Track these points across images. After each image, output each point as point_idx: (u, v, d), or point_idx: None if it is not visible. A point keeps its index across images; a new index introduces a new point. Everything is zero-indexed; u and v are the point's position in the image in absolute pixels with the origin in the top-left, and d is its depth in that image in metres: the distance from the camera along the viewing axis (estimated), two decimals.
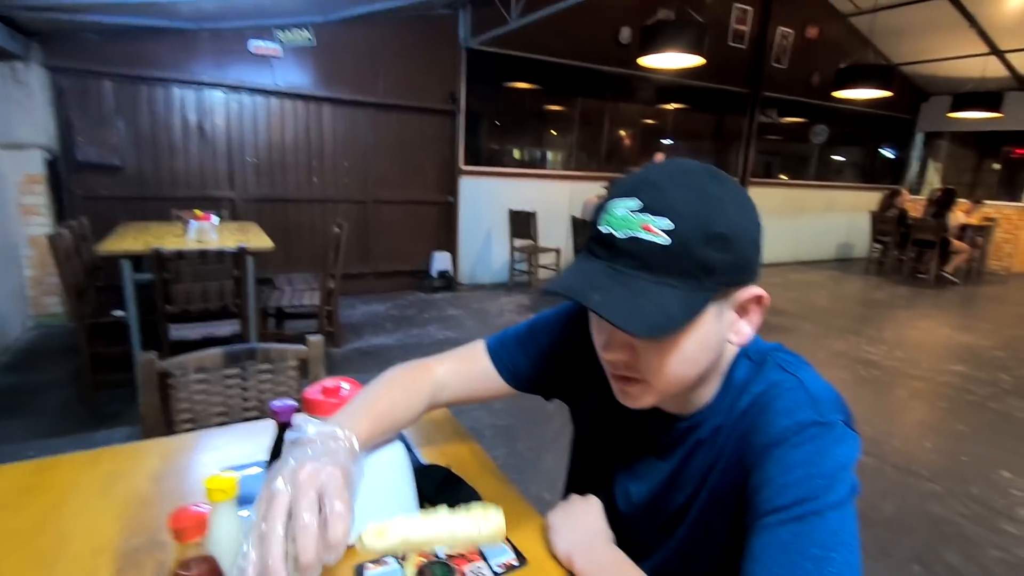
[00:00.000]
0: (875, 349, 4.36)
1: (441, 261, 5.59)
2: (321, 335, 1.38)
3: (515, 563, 0.70)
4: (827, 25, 7.56)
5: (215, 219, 3.31)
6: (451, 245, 5.69)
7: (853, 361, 4.07)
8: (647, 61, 4.16)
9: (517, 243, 5.81)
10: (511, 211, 5.71)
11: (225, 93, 4.47)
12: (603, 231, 0.57)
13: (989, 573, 1.92)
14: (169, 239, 3.03)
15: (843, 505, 0.52)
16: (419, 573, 0.67)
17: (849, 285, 7.29)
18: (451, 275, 5.65)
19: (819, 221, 8.75)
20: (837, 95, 5.72)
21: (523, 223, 5.59)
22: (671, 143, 7.23)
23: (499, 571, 0.69)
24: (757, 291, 0.60)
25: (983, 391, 3.60)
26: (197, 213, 3.36)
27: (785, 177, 8.52)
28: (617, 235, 0.55)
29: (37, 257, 3.92)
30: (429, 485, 0.82)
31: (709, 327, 0.58)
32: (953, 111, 6.85)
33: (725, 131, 7.62)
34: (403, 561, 0.69)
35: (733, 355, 0.66)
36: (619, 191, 0.57)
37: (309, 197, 4.97)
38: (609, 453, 0.79)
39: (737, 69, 6.95)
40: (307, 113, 4.83)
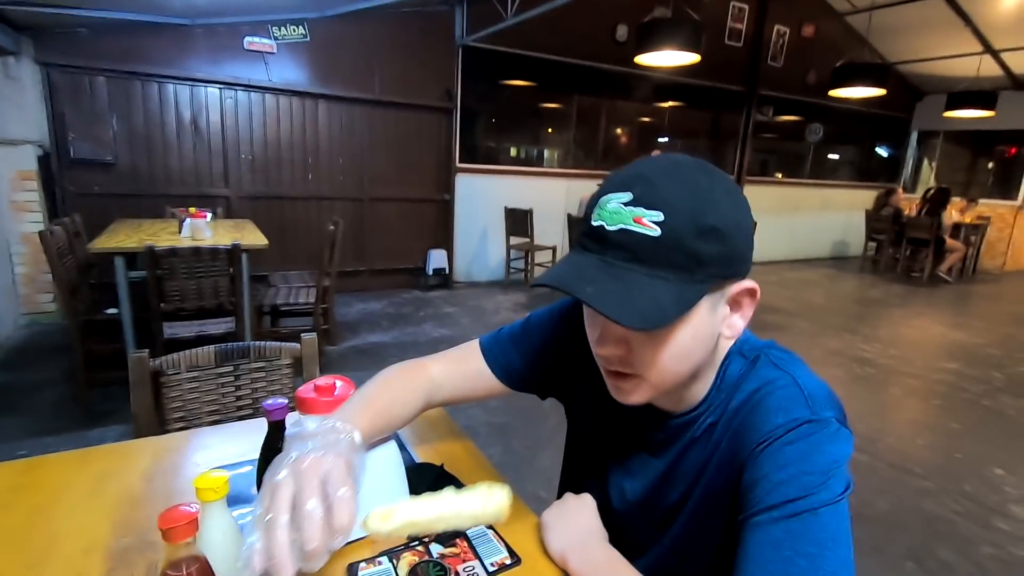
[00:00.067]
0: (870, 347, 4.38)
1: (437, 259, 5.57)
2: (316, 333, 1.37)
3: (509, 562, 0.70)
4: (823, 23, 7.58)
5: (209, 216, 3.29)
6: (447, 243, 5.68)
7: (848, 359, 4.09)
8: (644, 59, 4.15)
9: (513, 241, 5.80)
10: (507, 209, 5.70)
11: (220, 89, 4.44)
12: (595, 224, 0.57)
13: (982, 570, 1.93)
14: (163, 236, 3.02)
15: (837, 502, 0.52)
16: (412, 572, 0.66)
17: (844, 283, 7.32)
18: (447, 273, 5.64)
19: (814, 219, 8.77)
20: (833, 94, 5.73)
21: (519, 221, 5.59)
22: (667, 141, 7.23)
23: (493, 570, 0.69)
24: (749, 284, 0.60)
25: (977, 389, 3.62)
26: (191, 210, 3.35)
27: (781, 175, 8.53)
28: (608, 228, 0.55)
29: (30, 254, 3.89)
30: (422, 484, 0.82)
31: (702, 320, 0.58)
32: (948, 110, 6.88)
33: (721, 129, 7.63)
34: (396, 560, 0.69)
35: (726, 352, 0.66)
36: (611, 185, 0.57)
37: (304, 194, 4.95)
38: (603, 451, 0.79)
39: (733, 67, 6.96)
40: (302, 110, 4.81)
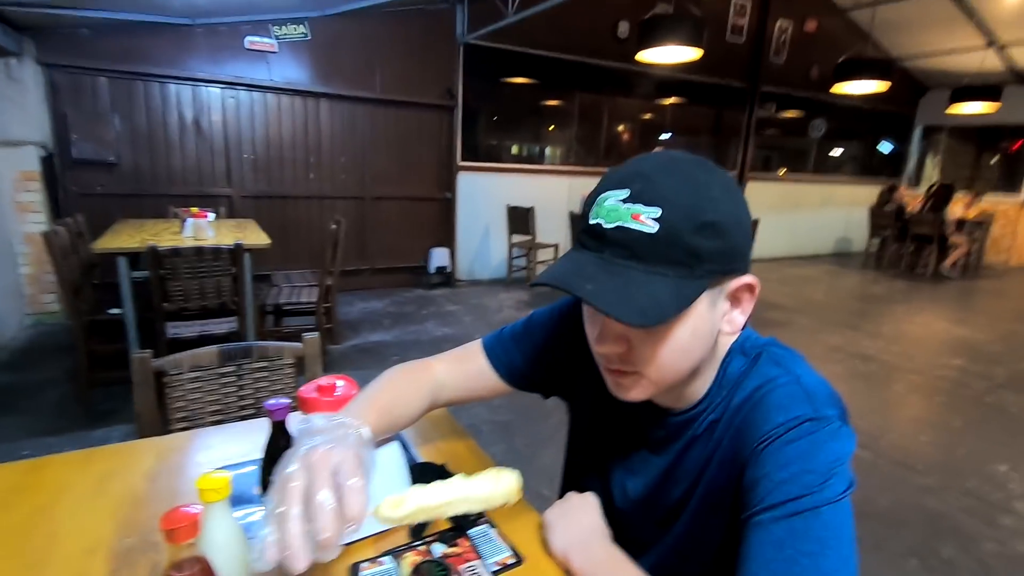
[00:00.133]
0: (872, 344, 4.37)
1: (439, 257, 5.57)
2: (319, 332, 1.38)
3: (511, 561, 0.70)
4: (825, 19, 7.53)
5: (211, 216, 3.30)
6: (449, 241, 5.68)
7: (850, 355, 4.08)
8: (645, 55, 4.13)
9: (515, 239, 5.80)
10: (509, 207, 5.70)
11: (221, 89, 4.44)
12: (592, 222, 0.57)
13: (985, 566, 1.92)
14: (166, 236, 3.02)
15: (838, 501, 0.52)
16: (415, 572, 0.67)
17: (847, 280, 7.30)
18: (449, 271, 5.64)
19: (817, 215, 8.74)
20: (836, 89, 5.70)
21: (521, 219, 5.58)
22: (670, 138, 7.21)
23: (496, 569, 0.69)
24: (749, 279, 0.59)
25: (980, 385, 3.61)
26: (194, 210, 3.35)
27: (783, 171, 8.50)
28: (606, 225, 0.55)
29: (33, 255, 3.90)
30: (425, 483, 0.82)
31: (701, 317, 0.57)
32: (952, 105, 6.83)
33: (724, 125, 7.60)
34: (399, 560, 0.69)
35: (726, 349, 0.66)
36: (608, 183, 0.57)
37: (306, 193, 4.95)
38: (605, 448, 0.79)
39: (735, 63, 6.93)
40: (304, 109, 4.81)
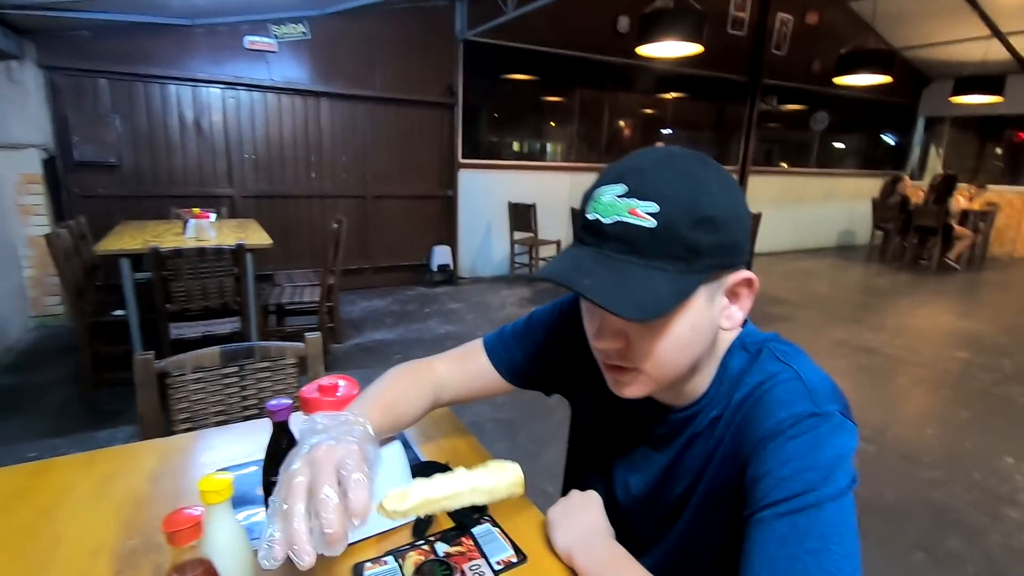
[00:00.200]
0: (876, 337, 4.35)
1: (441, 255, 5.57)
2: (321, 332, 1.38)
3: (515, 560, 0.70)
4: (827, 11, 7.48)
5: (213, 216, 3.31)
6: (451, 239, 5.68)
7: (854, 349, 4.06)
8: (646, 50, 4.12)
9: (517, 236, 5.79)
10: (511, 204, 5.69)
11: (221, 89, 4.44)
12: (590, 218, 0.57)
13: (992, 559, 1.92)
14: (168, 237, 3.03)
15: (841, 497, 0.52)
16: (418, 571, 0.66)
17: (850, 273, 7.27)
18: (451, 269, 5.64)
19: (820, 209, 8.71)
20: (838, 81, 5.66)
21: (523, 216, 5.57)
22: (671, 133, 7.19)
23: (499, 568, 0.68)
24: (747, 274, 0.59)
25: (985, 377, 3.59)
26: (195, 211, 3.36)
27: (786, 165, 8.47)
28: (604, 221, 0.55)
29: (37, 257, 3.91)
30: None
31: (700, 311, 0.57)
32: (955, 96, 6.79)
33: (725, 120, 7.57)
34: (402, 560, 0.69)
35: (727, 345, 0.65)
36: (606, 178, 0.57)
37: (308, 193, 4.95)
38: (607, 445, 0.79)
39: (737, 57, 6.89)
40: (304, 108, 4.80)
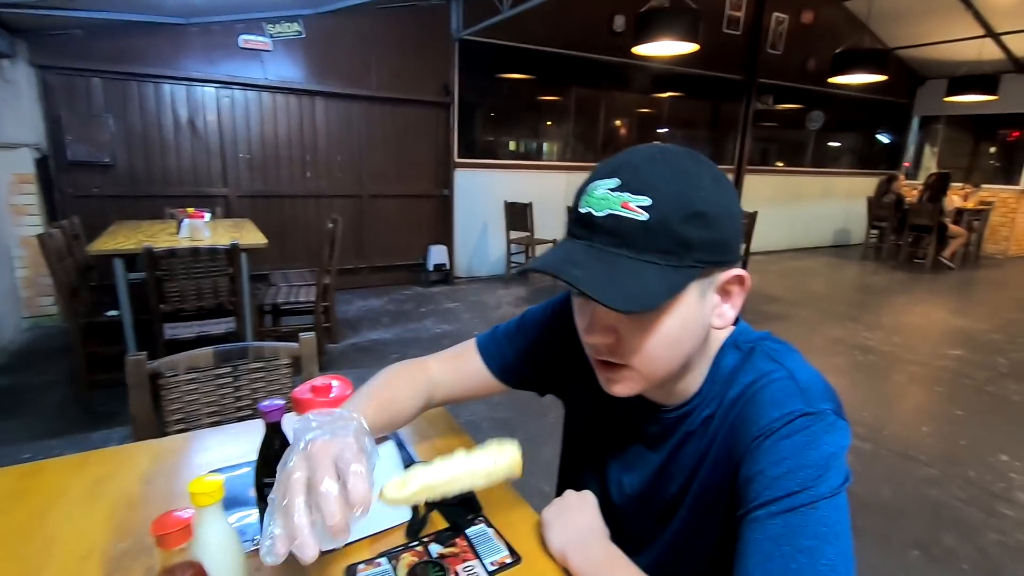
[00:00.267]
0: (872, 335, 4.36)
1: (437, 254, 5.56)
2: (316, 332, 1.37)
3: (509, 560, 0.70)
4: (822, 10, 7.50)
5: (207, 216, 3.29)
6: (447, 238, 5.67)
7: (850, 347, 4.07)
8: (642, 49, 4.12)
9: (513, 235, 5.78)
10: (507, 203, 5.68)
11: (216, 88, 4.42)
12: (583, 211, 0.57)
13: (987, 556, 1.92)
14: (162, 237, 3.01)
15: (835, 495, 0.52)
16: (411, 572, 0.66)
17: (846, 271, 7.29)
18: (448, 268, 5.63)
19: (816, 207, 8.73)
20: (833, 80, 5.68)
21: (519, 215, 5.57)
22: (667, 131, 7.19)
23: (493, 569, 0.68)
24: (738, 272, 0.59)
25: (980, 375, 3.61)
26: (189, 211, 3.34)
27: (781, 164, 8.48)
28: (596, 214, 0.55)
29: (30, 258, 3.89)
30: None
31: (691, 308, 0.57)
32: (949, 95, 6.82)
33: (721, 119, 7.58)
34: (395, 561, 0.69)
35: (719, 343, 0.65)
36: (599, 173, 0.58)
37: (303, 192, 4.94)
38: (601, 445, 0.79)
39: (732, 56, 6.90)
40: (299, 107, 4.79)
